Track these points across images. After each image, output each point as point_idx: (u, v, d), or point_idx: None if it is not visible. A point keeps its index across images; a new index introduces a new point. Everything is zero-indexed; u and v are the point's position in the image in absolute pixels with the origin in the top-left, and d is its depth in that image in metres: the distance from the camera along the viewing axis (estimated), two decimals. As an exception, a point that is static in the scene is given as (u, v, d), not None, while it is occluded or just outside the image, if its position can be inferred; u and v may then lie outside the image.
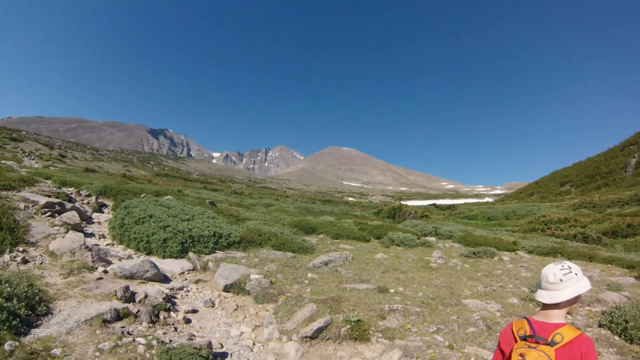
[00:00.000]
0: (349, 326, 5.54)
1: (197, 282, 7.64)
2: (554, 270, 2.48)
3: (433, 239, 16.90)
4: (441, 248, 14.32)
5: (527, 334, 2.43)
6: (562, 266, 2.48)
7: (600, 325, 6.71)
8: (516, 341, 2.45)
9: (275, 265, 8.60)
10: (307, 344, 5.42)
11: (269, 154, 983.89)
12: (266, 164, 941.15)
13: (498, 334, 5.70)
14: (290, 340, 5.51)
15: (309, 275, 8.09)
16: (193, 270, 8.19)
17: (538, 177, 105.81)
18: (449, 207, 56.18)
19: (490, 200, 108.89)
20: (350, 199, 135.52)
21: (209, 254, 9.26)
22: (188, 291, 7.11)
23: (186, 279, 7.75)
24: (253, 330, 5.90)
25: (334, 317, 5.79)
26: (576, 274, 2.44)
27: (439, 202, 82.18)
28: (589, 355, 2.27)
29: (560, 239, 20.70)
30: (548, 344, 2.32)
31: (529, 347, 2.36)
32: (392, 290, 7.68)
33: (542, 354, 2.29)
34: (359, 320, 5.65)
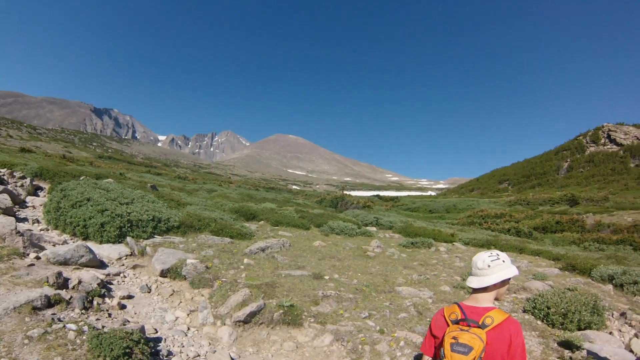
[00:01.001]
0: (282, 311, 5.65)
1: (134, 267, 7.53)
2: (483, 257, 2.65)
3: (374, 228, 17.34)
4: (381, 238, 14.72)
5: (459, 317, 2.57)
6: (491, 254, 2.67)
7: (524, 311, 7.27)
8: (448, 325, 2.58)
9: (213, 250, 8.59)
10: (240, 328, 5.49)
11: (215, 139, 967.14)
12: (212, 149, 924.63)
13: (429, 320, 6.01)
14: (224, 324, 5.55)
15: (245, 260, 8.16)
16: (131, 255, 8.04)
17: (479, 175, 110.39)
18: (392, 198, 57.54)
19: (433, 193, 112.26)
20: (294, 187, 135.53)
21: (147, 238, 9.10)
22: (125, 277, 6.99)
23: (123, 264, 7.61)
24: (188, 315, 5.90)
25: (268, 302, 5.89)
26: (503, 261, 2.61)
27: (382, 193, 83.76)
28: (517, 336, 2.44)
29: (496, 232, 21.82)
30: (479, 327, 2.46)
31: (462, 330, 2.50)
32: (327, 277, 7.83)
33: (475, 336, 2.42)
34: (292, 306, 5.78)
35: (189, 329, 5.55)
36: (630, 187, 54.99)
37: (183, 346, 4.96)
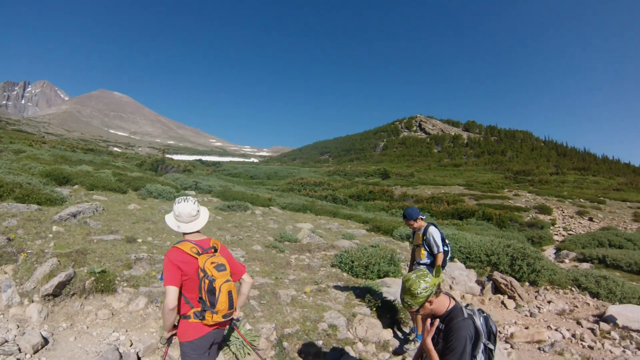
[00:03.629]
0: (93, 278, 5.27)
1: None
2: (189, 208, 3.21)
3: (193, 192, 17.24)
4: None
5: (201, 250, 3.10)
6: (193, 202, 3.26)
7: (332, 265, 8.15)
8: (196, 257, 3.04)
9: (17, 219, 7.59)
10: (50, 303, 4.86)
11: (28, 90, 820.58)
12: (23, 102, 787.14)
13: None
14: (32, 302, 4.84)
15: (54, 228, 7.46)
16: None
17: (302, 145, 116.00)
18: (215, 164, 57.34)
19: (255, 160, 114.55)
20: (115, 149, 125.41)
21: None
22: None
23: None
24: (-10, 299, 5.14)
25: (78, 270, 5.41)
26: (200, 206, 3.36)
27: (205, 158, 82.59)
28: (225, 248, 3.36)
29: (313, 198, 23.32)
30: (216, 251, 3.19)
31: (211, 255, 3.10)
32: (140, 240, 7.57)
33: (220, 257, 3.15)
34: (103, 271, 5.41)
35: (-8, 314, 4.72)
36: (432, 168, 64.21)
37: (-15, 335, 4.22)
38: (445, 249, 5.60)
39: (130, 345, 4.61)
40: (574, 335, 7.39)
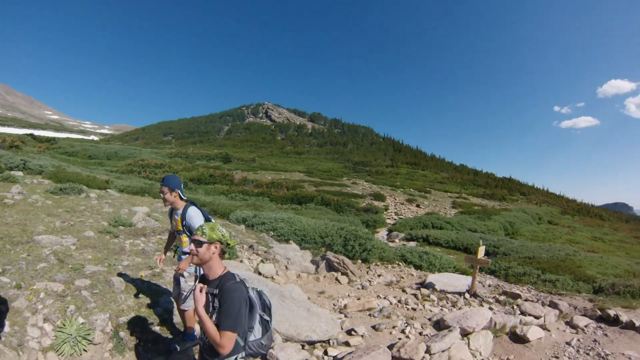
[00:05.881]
0: None
1: None
2: None
3: (20, 173, 15.26)
4: (27, 184, 13.06)
5: None
6: None
7: None
8: None
9: None
10: None
11: None
12: None
13: (70, 266, 5.91)
14: None
15: None
16: None
17: (146, 124, 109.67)
18: (49, 140, 51.17)
19: (95, 138, 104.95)
20: None
21: None
22: None
23: None
24: None
25: None
26: None
27: (38, 132, 73.27)
28: None
29: (153, 181, 22.43)
30: None
31: None
32: None
33: None
34: None
35: None
36: (274, 154, 65.58)
37: None
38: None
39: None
40: (399, 301, 8.68)
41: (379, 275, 10.71)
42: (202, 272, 2.98)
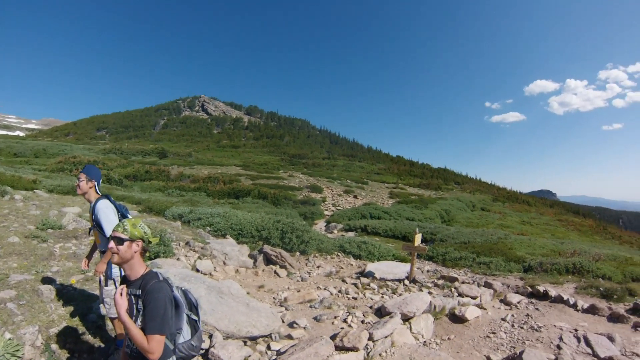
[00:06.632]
0: None
1: None
2: None
3: None
4: None
5: None
6: None
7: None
8: None
9: None
10: None
11: None
12: None
13: None
14: None
15: None
16: None
17: (78, 119, 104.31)
18: (-34, 137, 47.43)
19: (21, 134, 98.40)
20: None
21: None
22: None
23: None
24: None
25: None
26: None
27: (-45, 128, 67.75)
28: None
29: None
30: None
31: None
32: None
33: None
34: None
35: None
36: (210, 148, 64.36)
37: None
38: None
39: None
40: (340, 291, 8.76)
41: (318, 267, 10.78)
42: (123, 272, 2.80)
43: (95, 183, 4.40)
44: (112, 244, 2.61)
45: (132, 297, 2.60)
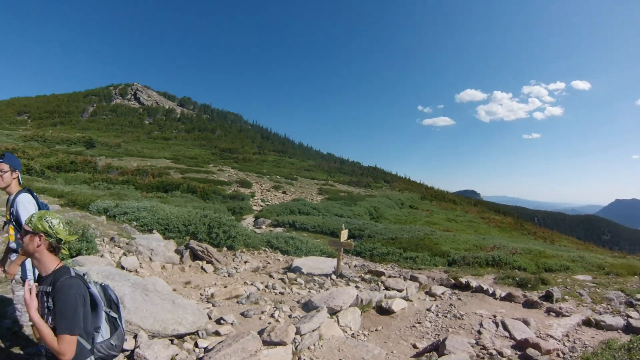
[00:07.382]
0: None
1: None
2: None
3: None
4: None
5: None
6: None
7: None
8: None
9: None
10: None
11: None
12: None
13: None
14: None
15: None
16: None
17: None
18: None
19: None
20: None
21: None
22: None
23: None
24: None
25: None
26: None
27: None
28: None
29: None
30: None
31: None
32: None
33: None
34: None
35: None
36: (141, 139, 61.91)
37: None
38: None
39: None
40: (267, 286, 8.74)
41: (245, 262, 10.71)
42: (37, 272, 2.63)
43: (19, 174, 4.09)
44: (20, 235, 2.52)
45: (43, 294, 2.43)
